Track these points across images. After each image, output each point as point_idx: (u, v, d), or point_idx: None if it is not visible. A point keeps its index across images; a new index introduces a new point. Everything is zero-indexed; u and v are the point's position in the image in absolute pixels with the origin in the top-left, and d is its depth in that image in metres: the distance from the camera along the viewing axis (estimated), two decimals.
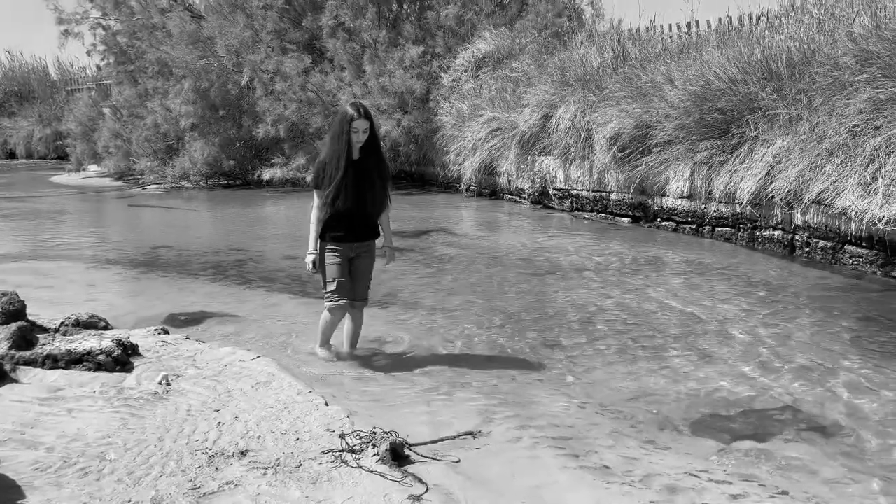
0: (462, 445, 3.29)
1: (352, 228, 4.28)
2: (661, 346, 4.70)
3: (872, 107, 6.24)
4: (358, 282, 4.39)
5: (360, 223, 4.31)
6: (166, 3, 19.92)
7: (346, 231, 4.27)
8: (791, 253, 7.22)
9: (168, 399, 3.71)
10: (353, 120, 4.08)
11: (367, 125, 4.14)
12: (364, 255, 4.39)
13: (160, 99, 18.69)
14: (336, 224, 4.25)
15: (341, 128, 4.12)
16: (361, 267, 4.40)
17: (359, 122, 4.10)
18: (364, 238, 4.36)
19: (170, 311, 5.91)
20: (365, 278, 4.43)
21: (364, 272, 4.42)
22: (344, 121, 4.11)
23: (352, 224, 4.27)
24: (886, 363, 4.24)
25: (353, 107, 4.14)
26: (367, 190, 4.23)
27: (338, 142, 4.13)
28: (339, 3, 16.83)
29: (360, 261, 4.38)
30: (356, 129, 4.11)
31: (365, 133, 4.14)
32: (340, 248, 4.28)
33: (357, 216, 4.27)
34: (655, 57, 10.10)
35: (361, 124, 4.11)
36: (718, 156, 8.02)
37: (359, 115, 4.10)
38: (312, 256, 4.29)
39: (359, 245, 4.33)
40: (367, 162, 4.23)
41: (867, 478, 2.97)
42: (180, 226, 11.77)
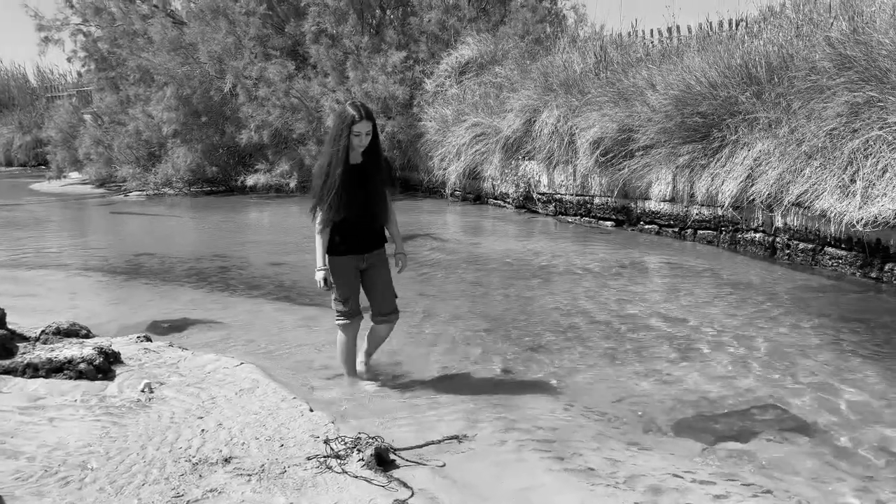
0: (447, 449, 3.29)
1: (358, 238, 3.96)
2: (644, 348, 4.73)
3: (850, 110, 6.32)
4: (379, 295, 4.06)
5: (367, 232, 3.99)
6: (148, 9, 19.84)
7: (352, 242, 3.95)
8: (772, 255, 7.29)
9: (151, 407, 3.68)
10: (354, 122, 3.74)
11: (369, 127, 3.80)
12: (377, 266, 4.05)
13: (142, 105, 18.57)
14: (340, 235, 3.92)
15: (341, 131, 3.77)
16: (377, 278, 4.05)
17: (361, 124, 3.75)
18: (372, 247, 4.02)
19: (152, 318, 5.86)
20: (386, 290, 4.08)
21: (382, 283, 4.07)
22: (344, 123, 3.76)
23: (357, 233, 3.95)
24: (866, 363, 4.29)
25: (353, 107, 3.78)
26: (371, 196, 3.92)
27: (337, 145, 3.79)
28: (322, 10, 16.83)
29: (374, 272, 4.04)
30: (358, 133, 3.77)
31: (368, 136, 3.81)
32: (347, 260, 3.96)
33: (362, 225, 3.95)
34: (637, 62, 10.18)
35: (364, 127, 3.77)
36: (700, 159, 8.09)
37: (360, 117, 3.74)
38: (322, 273, 3.91)
39: (368, 255, 4.00)
40: (370, 166, 3.91)
41: (847, 476, 3.00)
42: (163, 233, 11.69)
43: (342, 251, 3.94)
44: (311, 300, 6.32)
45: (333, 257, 3.95)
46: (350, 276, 3.98)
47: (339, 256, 3.95)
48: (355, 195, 3.83)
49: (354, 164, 3.85)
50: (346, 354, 4.17)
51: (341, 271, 3.96)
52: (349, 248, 3.95)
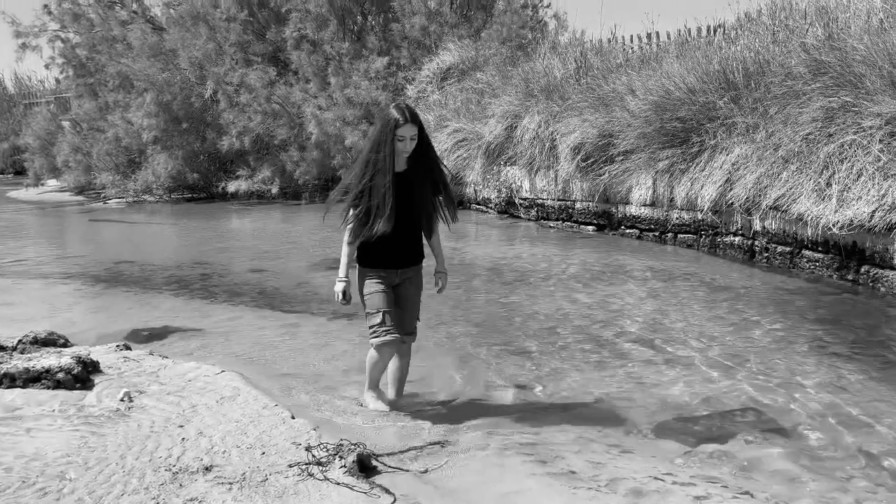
0: (430, 454, 3.29)
1: (396, 253, 3.62)
2: (626, 351, 4.76)
3: (825, 115, 6.42)
4: (405, 313, 3.73)
5: (406, 247, 3.66)
6: (127, 15, 19.71)
7: (390, 256, 3.61)
8: (751, 258, 7.38)
9: (130, 416, 3.64)
10: (398, 126, 3.40)
11: (414, 131, 3.45)
12: (409, 282, 3.73)
13: (121, 112, 18.44)
14: (377, 248, 3.57)
15: (384, 136, 3.43)
16: (407, 296, 3.73)
17: (405, 127, 3.41)
18: (409, 263, 3.70)
19: (132, 326, 5.81)
20: (413, 309, 3.78)
21: (411, 302, 3.75)
22: (387, 127, 3.42)
23: (396, 248, 3.60)
24: (843, 365, 4.35)
25: (397, 110, 3.44)
26: (415, 208, 3.57)
27: (378, 152, 3.45)
28: (303, 16, 16.81)
29: (405, 289, 3.71)
30: (402, 137, 3.43)
31: (413, 140, 3.46)
32: (383, 274, 3.63)
33: (402, 239, 3.60)
34: (617, 67, 10.28)
35: (408, 130, 3.43)
36: (679, 164, 8.18)
37: (405, 120, 3.41)
38: (342, 284, 3.62)
39: (403, 271, 3.68)
40: (415, 174, 3.55)
41: (824, 476, 3.04)
42: (143, 240, 11.59)
43: (376, 263, 3.63)
44: (293, 307, 6.31)
45: (365, 269, 3.64)
46: (388, 291, 3.63)
47: (372, 269, 3.63)
48: (398, 207, 3.48)
49: (398, 172, 3.51)
50: (373, 370, 3.80)
51: (373, 284, 3.62)
52: (384, 262, 3.62)
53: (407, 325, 3.75)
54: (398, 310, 3.68)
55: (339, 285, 3.64)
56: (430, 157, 3.60)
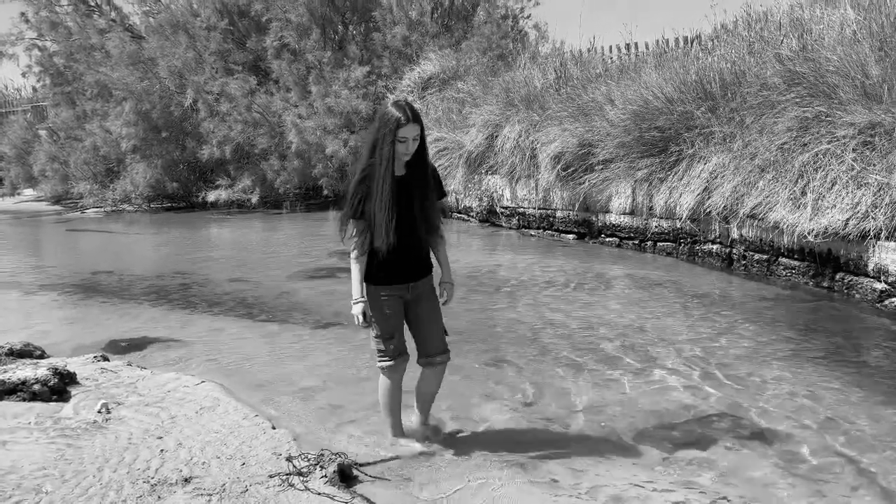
0: (411, 464, 3.28)
1: (402, 265, 3.27)
2: (605, 359, 4.79)
3: (800, 125, 6.52)
4: (426, 331, 3.40)
5: (413, 256, 3.30)
6: (105, 23, 19.58)
7: (396, 268, 3.26)
8: (729, 266, 7.46)
9: (108, 427, 3.60)
10: (399, 126, 3.07)
11: (417, 131, 3.12)
12: (425, 297, 3.38)
13: (99, 121, 18.30)
14: (381, 260, 3.22)
15: (384, 136, 3.10)
16: (424, 311, 3.38)
17: (407, 127, 3.08)
18: (419, 275, 3.35)
19: (110, 337, 5.75)
20: (435, 325, 3.41)
21: (431, 318, 3.40)
22: (387, 126, 3.09)
23: (402, 259, 3.25)
24: (819, 371, 4.41)
25: (398, 108, 3.10)
26: (417, 213, 3.25)
27: (378, 154, 3.12)
28: (284, 25, 16.81)
29: (421, 305, 3.37)
30: (403, 138, 3.10)
31: (415, 141, 3.14)
32: (390, 292, 3.29)
33: (407, 248, 3.25)
34: (596, 77, 10.37)
35: (411, 130, 3.10)
36: (658, 173, 8.26)
37: (407, 119, 3.07)
38: (361, 306, 3.22)
39: (414, 285, 3.33)
40: (415, 177, 3.24)
41: (801, 481, 3.08)
42: (121, 250, 11.48)
43: (383, 279, 3.27)
44: (274, 317, 6.28)
45: (372, 286, 3.28)
46: (393, 309, 3.31)
47: (379, 286, 3.28)
48: (400, 213, 3.17)
49: (397, 177, 3.19)
50: (390, 404, 3.46)
51: (382, 303, 3.28)
52: (392, 276, 3.27)
53: (433, 345, 3.40)
54: (419, 331, 3.40)
55: (356, 307, 3.23)
56: (426, 159, 3.31)
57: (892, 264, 5.39)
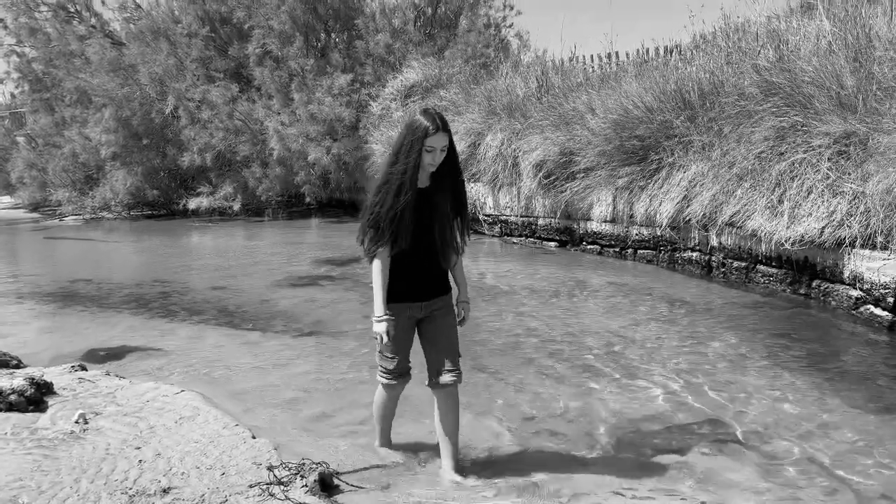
0: (392, 472, 3.28)
1: (418, 282, 3.13)
2: (587, 366, 4.81)
3: (776, 134, 6.62)
4: (443, 350, 3.17)
5: (431, 273, 3.16)
6: (85, 30, 19.45)
7: (410, 286, 3.11)
8: (709, 273, 7.54)
9: (85, 438, 3.56)
10: (427, 135, 2.91)
11: (445, 141, 2.96)
12: (440, 315, 3.19)
13: (78, 127, 18.16)
14: (398, 275, 3.08)
15: (410, 145, 2.94)
16: (441, 330, 3.19)
17: (436, 137, 2.92)
18: (436, 293, 3.18)
19: (88, 346, 5.69)
20: (448, 344, 3.19)
21: (446, 336, 3.19)
22: (415, 135, 2.93)
23: (418, 276, 3.12)
24: (795, 377, 4.47)
25: (427, 116, 2.94)
26: (439, 228, 3.08)
27: (403, 163, 2.96)
28: (267, 32, 16.79)
29: (437, 323, 3.19)
30: (431, 148, 2.94)
31: (443, 152, 2.98)
32: (402, 310, 3.12)
33: (425, 267, 3.12)
34: (577, 86, 10.46)
35: (439, 140, 2.94)
36: (638, 181, 8.33)
37: (436, 128, 2.92)
38: (385, 324, 3.02)
39: (428, 304, 3.16)
40: (441, 189, 3.06)
41: (779, 487, 3.11)
42: (100, 258, 11.36)
43: (400, 296, 3.10)
44: (255, 325, 6.25)
45: (388, 304, 3.08)
46: (402, 327, 3.13)
47: (396, 303, 3.10)
48: (422, 228, 3.04)
49: (420, 189, 3.03)
50: (382, 413, 3.42)
51: (397, 321, 3.11)
52: (406, 294, 3.11)
53: (443, 363, 3.16)
54: (432, 350, 3.19)
55: (381, 325, 3.02)
56: (458, 172, 3.11)
57: (866, 272, 5.48)
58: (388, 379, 3.24)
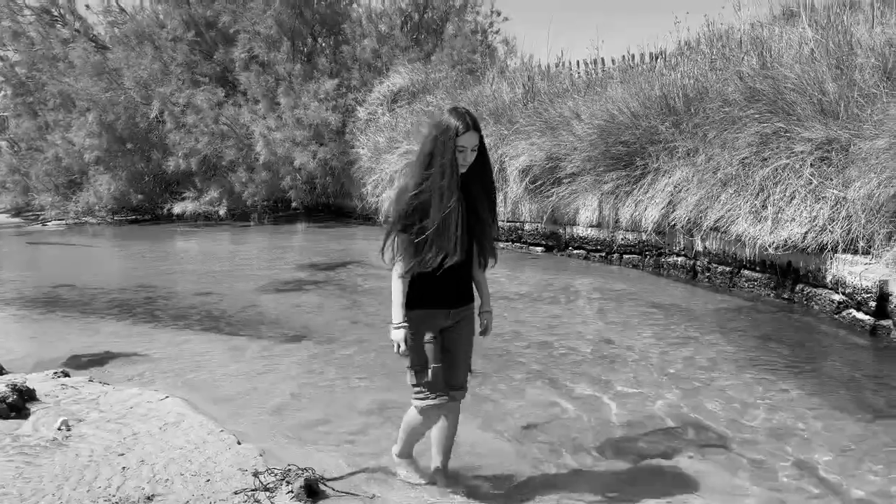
0: (379, 478, 3.27)
1: (450, 289, 2.95)
2: (573, 371, 4.83)
3: (760, 140, 6.69)
4: (455, 362, 3.04)
5: (462, 282, 3.00)
6: (68, 33, 19.33)
7: (443, 293, 2.94)
8: (694, 278, 7.59)
9: (68, 445, 3.53)
10: (458, 134, 2.76)
11: (476, 140, 2.82)
12: (462, 324, 3.04)
13: (62, 132, 18.01)
14: (427, 283, 2.89)
15: (443, 146, 2.77)
16: (459, 340, 3.04)
17: (467, 136, 2.78)
18: (463, 301, 3.02)
19: (71, 352, 5.63)
20: (465, 357, 3.09)
21: (463, 348, 3.07)
22: (447, 136, 2.76)
23: (450, 283, 2.93)
24: (779, 380, 4.50)
25: (456, 115, 2.80)
26: (472, 232, 2.92)
27: (439, 167, 2.77)
28: (253, 36, 16.76)
29: (456, 332, 3.03)
30: (462, 147, 2.79)
31: (474, 152, 2.83)
32: (430, 318, 2.94)
33: (457, 273, 2.92)
34: (563, 92, 10.52)
35: (470, 140, 2.79)
36: (624, 186, 8.38)
37: (466, 127, 2.77)
38: (402, 331, 2.88)
39: (455, 312, 3.00)
40: (472, 192, 2.89)
41: (764, 488, 3.14)
42: (84, 263, 11.26)
43: (425, 302, 2.93)
44: (240, 330, 6.21)
45: (413, 311, 2.93)
46: (432, 336, 2.95)
47: (422, 310, 2.93)
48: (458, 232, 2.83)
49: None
50: (411, 434, 3.16)
51: (423, 329, 2.93)
52: (436, 300, 2.94)
53: (458, 376, 3.06)
54: (447, 359, 3.01)
55: (398, 332, 2.89)
56: (488, 171, 2.96)
57: (848, 276, 5.54)
58: (422, 398, 2.94)
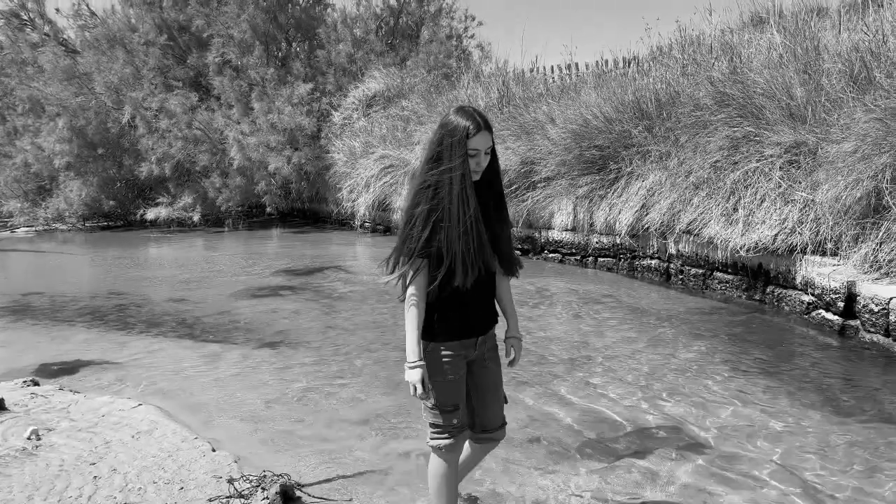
0: (357, 483, 3.26)
1: (472, 313, 2.56)
2: (548, 373, 4.85)
3: (730, 144, 6.79)
4: (489, 398, 2.67)
5: (486, 304, 2.61)
6: (38, 38, 19.03)
7: (464, 319, 2.54)
8: (667, 280, 7.67)
9: (38, 455, 3.46)
10: (469, 136, 2.40)
11: (490, 142, 2.46)
12: (490, 356, 2.66)
13: (31, 137, 17.71)
14: (450, 308, 2.50)
15: (451, 150, 2.40)
16: (488, 374, 2.65)
17: (478, 137, 2.41)
18: (488, 327, 2.63)
19: (41, 360, 5.54)
20: (500, 392, 2.71)
21: (495, 384, 2.68)
22: (457, 138, 2.40)
23: (471, 307, 2.54)
24: (751, 380, 4.57)
25: (464, 115, 2.44)
26: (497, 249, 2.58)
27: (447, 174, 2.40)
28: (226, 41, 16.65)
29: (484, 364, 2.64)
30: (474, 151, 2.42)
31: (487, 156, 2.46)
32: (455, 350, 2.53)
33: (480, 294, 2.56)
34: (538, 97, 10.60)
35: (482, 141, 2.43)
36: (598, 190, 8.46)
37: (478, 128, 2.41)
38: (419, 371, 2.44)
39: (483, 339, 2.61)
40: (486, 201, 2.54)
41: (739, 488, 3.18)
42: (54, 271, 11.07)
43: (447, 334, 2.52)
44: (215, 336, 6.15)
45: (432, 344, 2.51)
46: (457, 373, 2.54)
47: (445, 342, 2.51)
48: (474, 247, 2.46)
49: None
50: (446, 494, 2.60)
51: (444, 365, 2.51)
52: (459, 330, 2.53)
53: (494, 414, 2.69)
54: (478, 397, 2.65)
55: (414, 373, 2.44)
56: (499, 178, 2.61)
57: (817, 277, 5.64)
58: (444, 439, 2.53)
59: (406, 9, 18.06)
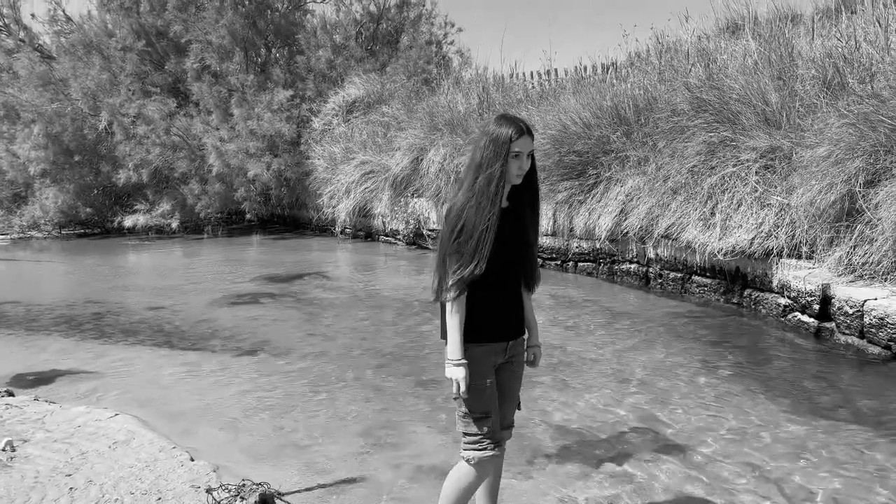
0: (338, 491, 3.24)
1: (502, 318, 2.57)
2: (529, 377, 4.86)
3: (707, 149, 6.87)
4: (507, 402, 2.67)
5: (516, 306, 2.63)
6: (13, 43, 18.80)
7: (500, 323, 2.56)
8: (647, 284, 7.73)
9: (13, 466, 3.41)
10: (512, 140, 2.41)
11: (532, 145, 2.47)
12: (516, 359, 2.67)
13: (6, 144, 17.47)
14: (482, 313, 2.50)
15: (493, 154, 2.41)
16: (512, 379, 2.67)
17: (522, 140, 2.42)
18: (518, 331, 2.65)
19: (16, 370, 5.46)
20: (516, 395, 2.72)
21: (514, 388, 2.70)
22: (499, 143, 2.41)
23: (502, 311, 2.57)
24: (729, 383, 4.61)
25: (506, 122, 2.44)
26: (527, 254, 2.62)
27: (485, 174, 2.41)
28: (205, 47, 16.55)
29: (510, 370, 2.65)
30: (517, 153, 2.42)
31: (529, 158, 2.48)
32: (489, 354, 2.54)
33: (511, 298, 2.60)
34: (517, 102, 10.65)
35: (525, 144, 2.43)
36: (577, 195, 8.51)
37: (519, 132, 2.42)
38: (463, 369, 2.43)
39: (513, 344, 2.62)
40: (522, 206, 2.58)
41: (716, 490, 3.21)
42: (29, 279, 10.92)
43: (485, 335, 2.52)
44: (193, 344, 6.10)
45: (469, 346, 2.49)
46: (489, 378, 2.52)
47: (480, 345, 2.51)
48: (504, 254, 2.49)
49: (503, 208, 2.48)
50: (464, 494, 2.57)
51: (481, 370, 2.50)
52: (494, 332, 2.54)
53: (508, 416, 2.69)
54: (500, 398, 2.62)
55: (458, 370, 2.42)
56: (536, 184, 2.61)
57: (793, 280, 5.72)
58: (482, 448, 2.49)
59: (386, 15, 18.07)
